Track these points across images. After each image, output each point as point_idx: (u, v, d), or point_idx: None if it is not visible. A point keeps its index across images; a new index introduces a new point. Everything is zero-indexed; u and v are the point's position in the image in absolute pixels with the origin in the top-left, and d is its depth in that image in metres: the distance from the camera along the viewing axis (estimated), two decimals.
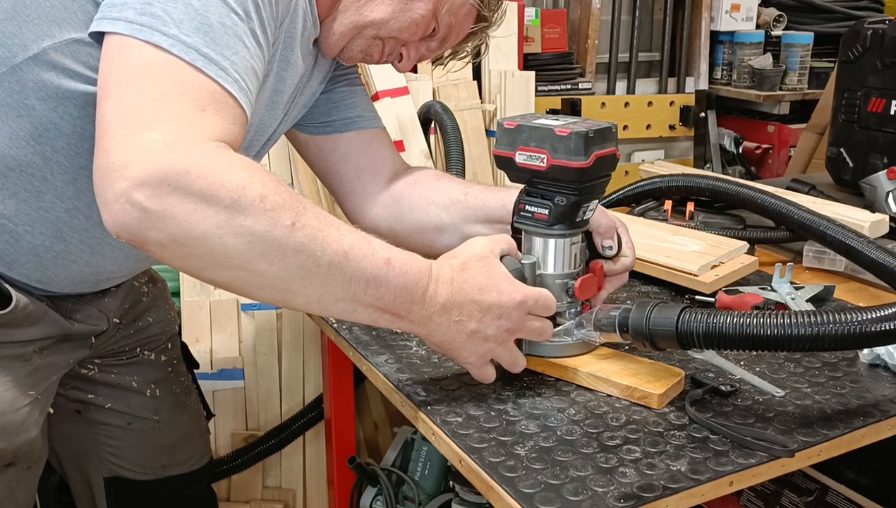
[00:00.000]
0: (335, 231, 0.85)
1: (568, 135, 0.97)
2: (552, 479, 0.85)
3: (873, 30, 1.90)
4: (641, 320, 0.97)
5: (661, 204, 1.68)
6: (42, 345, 1.11)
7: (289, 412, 2.12)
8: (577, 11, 2.99)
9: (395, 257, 0.89)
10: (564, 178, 1.00)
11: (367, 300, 0.88)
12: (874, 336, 0.90)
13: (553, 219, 1.03)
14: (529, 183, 1.04)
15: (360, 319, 0.91)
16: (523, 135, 1.01)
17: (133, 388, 1.34)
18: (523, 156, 1.01)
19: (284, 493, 2.16)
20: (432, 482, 1.89)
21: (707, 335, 0.93)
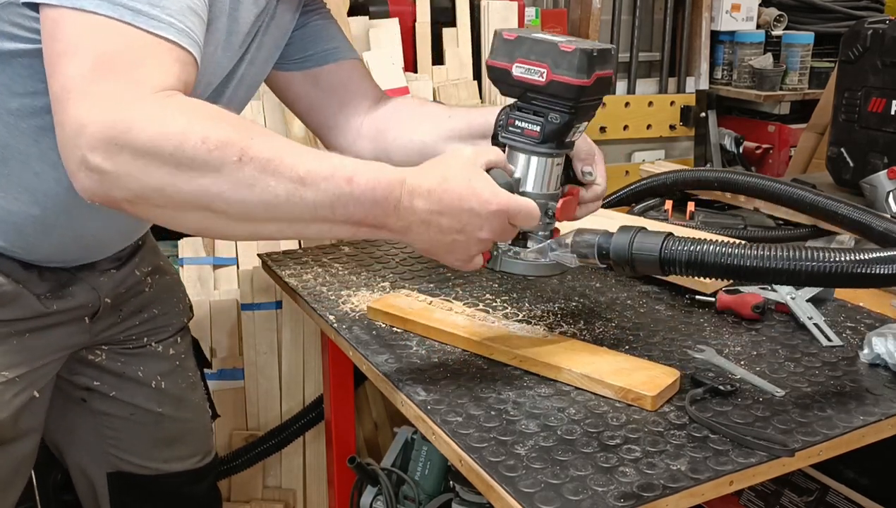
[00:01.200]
0: (289, 157, 0.85)
1: (573, 52, 0.94)
2: (552, 479, 0.85)
3: (873, 30, 1.90)
4: (624, 244, 0.97)
5: (662, 203, 1.68)
6: (22, 327, 1.12)
7: (289, 412, 2.12)
8: (577, 11, 2.99)
9: (360, 173, 0.88)
10: (563, 95, 0.97)
11: (338, 218, 0.88)
12: (848, 277, 0.93)
13: (543, 137, 1.00)
14: (523, 97, 1.00)
15: (340, 235, 0.92)
16: (524, 48, 0.98)
17: (139, 379, 1.34)
18: (521, 69, 0.98)
19: (284, 493, 2.16)
20: (432, 482, 1.88)
21: (689, 262, 0.95)
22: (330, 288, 1.40)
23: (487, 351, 1.13)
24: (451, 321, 1.20)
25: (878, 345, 1.11)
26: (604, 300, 1.34)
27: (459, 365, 1.12)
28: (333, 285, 1.41)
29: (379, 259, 1.54)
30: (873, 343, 1.11)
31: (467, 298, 1.35)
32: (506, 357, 1.11)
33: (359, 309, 1.30)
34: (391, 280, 1.43)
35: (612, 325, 1.25)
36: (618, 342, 1.18)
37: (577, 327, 1.23)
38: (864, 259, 0.92)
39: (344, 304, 1.32)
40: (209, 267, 2.12)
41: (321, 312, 1.30)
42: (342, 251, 1.59)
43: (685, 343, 1.18)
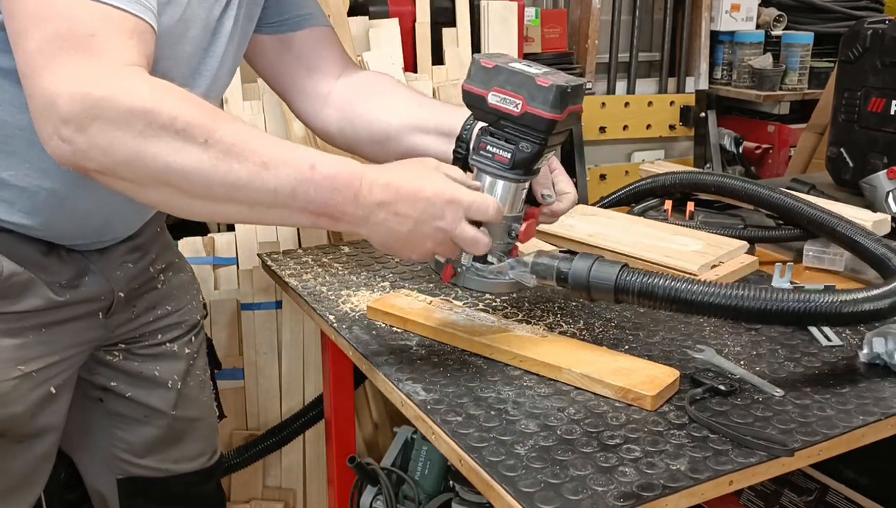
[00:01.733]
0: (253, 142, 0.88)
1: (549, 87, 0.97)
2: (552, 478, 0.85)
3: (873, 30, 1.90)
4: (583, 272, 1.03)
5: (662, 203, 1.68)
6: (37, 321, 1.12)
7: (289, 411, 2.12)
8: (577, 11, 2.99)
9: (322, 162, 0.91)
10: (536, 127, 1.00)
11: (297, 205, 0.90)
12: (789, 314, 0.99)
13: (513, 164, 1.03)
14: (496, 124, 1.03)
15: (298, 223, 0.95)
16: (500, 77, 1.00)
17: (155, 379, 1.34)
18: (497, 98, 1.00)
19: (284, 493, 2.16)
20: (432, 481, 1.89)
21: (641, 292, 1.01)
22: (330, 288, 1.40)
23: (487, 351, 1.13)
24: (451, 321, 1.20)
25: (877, 345, 1.11)
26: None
27: (459, 365, 1.12)
28: (333, 285, 1.41)
29: (379, 259, 1.54)
30: (873, 343, 1.11)
31: (467, 298, 1.35)
32: (506, 357, 1.11)
33: (359, 309, 1.30)
34: (391, 280, 1.43)
35: (612, 325, 1.25)
36: (618, 342, 1.18)
37: (577, 327, 1.23)
38: (802, 298, 0.99)
39: (344, 304, 1.32)
40: (209, 267, 2.12)
41: (321, 312, 1.30)
42: (342, 251, 1.59)
43: (685, 343, 1.18)
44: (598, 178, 2.99)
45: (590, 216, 1.60)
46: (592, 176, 2.94)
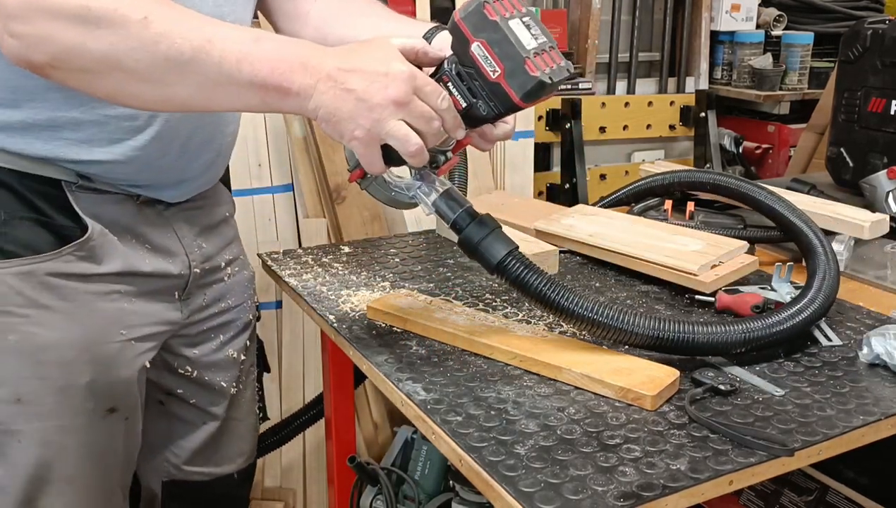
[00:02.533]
0: (195, 21, 0.90)
1: (532, 76, 0.93)
2: (552, 478, 0.85)
3: (873, 30, 1.90)
4: (473, 239, 1.05)
5: (662, 203, 1.68)
6: (127, 289, 1.14)
7: (288, 411, 2.12)
8: (577, 11, 2.99)
9: (267, 36, 0.92)
10: (499, 99, 0.96)
11: (243, 78, 0.89)
12: (640, 337, 1.06)
13: (464, 114, 0.98)
14: (466, 69, 0.97)
15: (248, 104, 0.92)
16: (494, 35, 0.94)
17: (221, 388, 1.35)
18: (480, 51, 0.95)
19: (284, 493, 2.16)
20: (432, 481, 1.89)
21: (514, 281, 1.05)
22: (330, 288, 1.40)
23: (487, 351, 1.13)
24: (451, 321, 1.20)
25: (877, 345, 1.11)
26: (603, 300, 1.34)
27: (459, 365, 1.12)
28: (333, 285, 1.41)
29: (379, 259, 1.54)
30: (873, 343, 1.11)
31: (467, 298, 1.35)
32: (506, 357, 1.12)
33: (359, 309, 1.30)
34: (391, 280, 1.43)
35: None
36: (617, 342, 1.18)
37: None
38: (656, 327, 1.06)
39: (344, 304, 1.32)
40: None
41: (321, 312, 1.30)
42: (342, 251, 1.59)
43: None
44: (598, 178, 2.99)
45: (590, 216, 1.60)
46: (592, 176, 2.94)
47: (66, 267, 1.08)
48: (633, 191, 1.75)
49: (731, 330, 1.09)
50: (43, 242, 1.07)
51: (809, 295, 1.18)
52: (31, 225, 1.07)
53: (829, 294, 1.20)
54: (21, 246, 1.06)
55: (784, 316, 1.13)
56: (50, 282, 1.07)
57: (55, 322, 1.08)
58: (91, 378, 1.11)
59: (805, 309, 1.15)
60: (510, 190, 2.41)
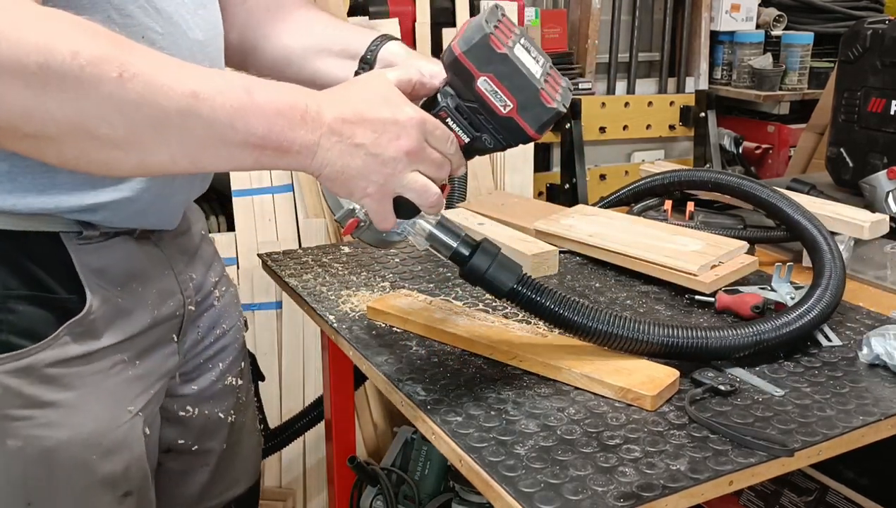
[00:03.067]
0: (176, 71, 0.75)
1: (549, 108, 0.88)
2: (552, 478, 0.85)
3: (873, 30, 1.90)
4: (479, 270, 1.00)
5: (662, 203, 1.68)
6: (128, 356, 1.01)
7: (288, 412, 2.12)
8: (577, 11, 2.99)
9: (256, 84, 0.79)
10: (511, 133, 0.90)
11: (237, 138, 0.77)
12: (656, 346, 1.06)
13: (466, 150, 0.92)
14: (468, 103, 0.90)
15: (240, 165, 0.80)
16: (503, 68, 0.87)
17: (219, 420, 1.22)
18: (487, 86, 0.87)
19: (285, 493, 2.16)
20: (432, 482, 1.89)
21: (525, 308, 1.04)
22: (330, 288, 1.40)
23: (487, 351, 1.13)
24: (451, 321, 1.20)
25: (877, 345, 1.11)
26: (603, 300, 1.34)
27: (459, 365, 1.12)
28: (333, 285, 1.41)
29: (379, 259, 1.54)
30: (873, 343, 1.11)
31: (467, 298, 1.35)
32: (506, 357, 1.11)
33: (359, 309, 1.30)
34: (391, 280, 1.43)
35: None
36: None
37: None
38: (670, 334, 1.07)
39: (344, 304, 1.32)
40: None
41: (321, 312, 1.30)
42: (342, 251, 1.59)
43: None
44: (598, 178, 2.99)
45: (590, 216, 1.60)
46: (592, 176, 2.95)
47: (67, 350, 0.93)
48: (633, 191, 1.75)
49: (742, 334, 1.09)
50: (41, 325, 0.91)
51: (817, 294, 1.18)
52: (28, 304, 0.90)
53: (836, 292, 1.20)
54: (17, 334, 0.89)
55: (793, 317, 1.13)
56: (51, 374, 0.92)
57: (62, 419, 0.93)
58: (107, 469, 0.98)
59: (813, 309, 1.15)
60: (510, 190, 2.41)
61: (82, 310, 0.93)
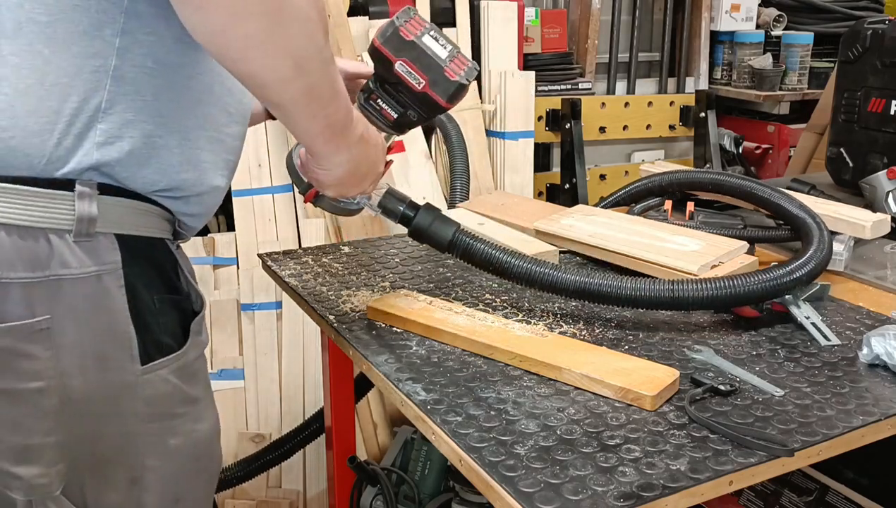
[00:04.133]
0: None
1: (453, 81, 1.06)
2: (552, 478, 0.85)
3: (873, 30, 1.90)
4: (422, 226, 1.21)
5: (662, 204, 1.68)
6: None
7: (288, 412, 2.12)
8: (577, 11, 2.99)
9: None
10: (428, 107, 1.09)
11: (329, 110, 0.91)
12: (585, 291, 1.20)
13: (395, 124, 1.12)
14: (392, 85, 1.09)
15: (309, 128, 0.93)
16: (413, 53, 1.06)
17: None
18: (403, 69, 1.06)
19: (285, 493, 2.16)
20: (432, 482, 1.89)
21: (463, 256, 1.23)
22: (330, 288, 1.40)
23: (487, 351, 1.13)
24: (451, 321, 1.20)
25: (877, 345, 1.11)
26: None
27: (459, 365, 1.12)
28: (333, 285, 1.41)
29: (379, 259, 1.54)
30: (872, 343, 1.11)
31: (467, 298, 1.35)
32: (506, 357, 1.12)
33: (359, 309, 1.30)
34: (391, 280, 1.43)
35: (611, 325, 1.25)
36: (617, 342, 1.19)
37: (577, 327, 1.23)
38: (589, 276, 1.21)
39: (344, 304, 1.32)
40: (209, 267, 2.13)
41: (321, 312, 1.30)
42: (342, 251, 1.59)
43: (684, 343, 1.19)
44: (598, 178, 2.99)
45: (590, 216, 1.60)
46: (592, 176, 2.94)
47: (198, 348, 0.99)
48: (633, 191, 1.75)
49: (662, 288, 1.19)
50: (178, 325, 0.96)
51: (801, 260, 1.26)
52: (172, 307, 0.95)
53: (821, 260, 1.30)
54: (170, 336, 0.94)
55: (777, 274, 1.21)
56: (194, 370, 0.98)
57: (203, 412, 1.00)
58: (219, 454, 1.06)
59: (799, 269, 1.24)
60: (510, 190, 2.41)
61: (201, 309, 1.00)
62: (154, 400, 0.93)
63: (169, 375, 0.94)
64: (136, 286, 0.89)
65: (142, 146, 0.88)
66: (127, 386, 0.90)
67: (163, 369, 0.93)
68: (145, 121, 0.88)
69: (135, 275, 0.89)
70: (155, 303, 0.92)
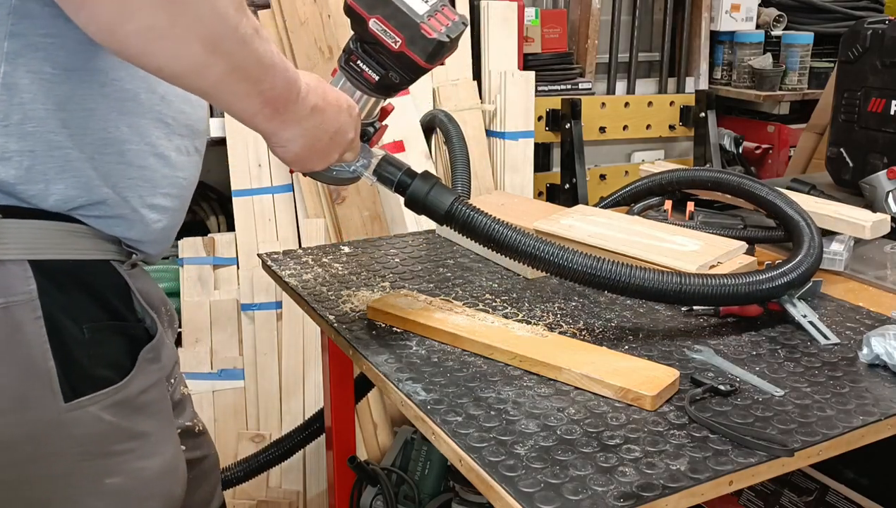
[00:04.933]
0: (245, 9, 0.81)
1: (430, 38, 0.99)
2: (552, 478, 0.85)
3: (873, 30, 1.90)
4: (419, 194, 1.11)
5: (661, 203, 1.68)
6: (167, 373, 1.01)
7: (288, 411, 2.12)
8: (577, 11, 2.99)
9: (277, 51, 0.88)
10: (407, 67, 1.02)
11: (262, 87, 0.84)
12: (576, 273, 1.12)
13: (377, 86, 1.05)
14: (371, 45, 1.03)
15: (244, 109, 0.86)
16: (387, 9, 0.99)
17: (186, 427, 1.18)
18: (378, 27, 0.99)
19: (285, 493, 2.16)
20: (432, 482, 1.89)
21: (463, 225, 1.11)
22: (330, 288, 1.40)
23: (487, 351, 1.13)
24: (451, 321, 1.20)
25: (877, 345, 1.11)
26: (603, 300, 1.34)
27: (459, 365, 1.12)
28: (333, 285, 1.41)
29: (379, 259, 1.54)
30: (872, 343, 1.11)
31: (467, 298, 1.35)
32: (506, 357, 1.12)
33: (359, 309, 1.30)
34: (391, 280, 1.43)
35: (611, 325, 1.25)
36: (618, 342, 1.18)
37: (577, 327, 1.24)
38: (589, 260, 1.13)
39: (344, 304, 1.32)
40: (209, 267, 2.13)
41: (321, 312, 1.30)
42: (342, 251, 1.59)
43: (685, 343, 1.19)
44: (598, 178, 2.99)
45: (589, 216, 1.60)
46: (592, 176, 2.95)
47: (147, 379, 0.92)
48: (633, 191, 1.75)
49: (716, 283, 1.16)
50: (123, 355, 0.90)
51: (791, 263, 1.26)
52: (111, 334, 0.89)
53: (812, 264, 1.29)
54: (109, 367, 0.88)
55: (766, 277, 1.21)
56: (140, 404, 0.91)
57: (154, 448, 0.94)
58: (178, 493, 1.00)
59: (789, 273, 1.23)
60: (510, 190, 2.41)
61: (154, 336, 0.93)
62: (85, 438, 0.86)
63: (101, 412, 0.86)
64: (58, 316, 0.83)
65: (47, 159, 0.81)
66: (52, 424, 0.84)
67: (93, 405, 0.86)
68: (51, 132, 0.81)
69: (57, 304, 0.83)
70: (84, 333, 0.85)
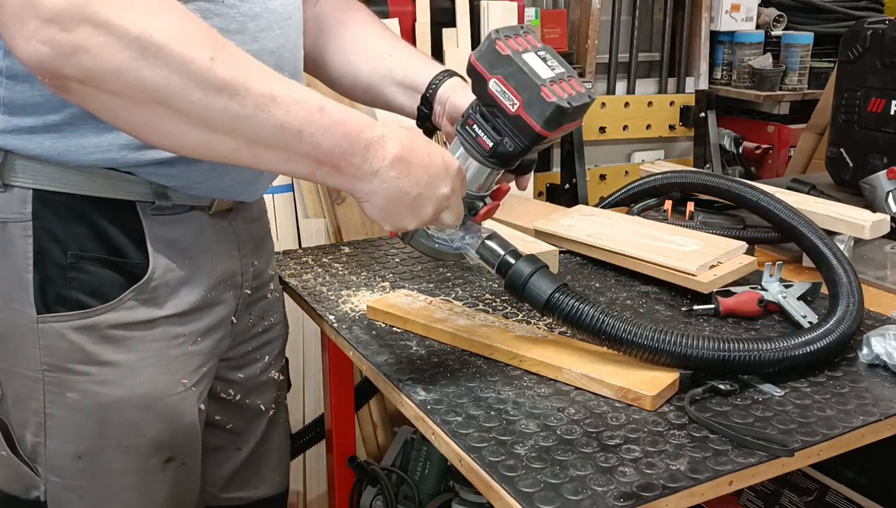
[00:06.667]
0: (260, 71, 0.81)
1: (549, 102, 0.94)
2: (552, 478, 0.85)
3: (873, 30, 1.90)
4: (520, 278, 1.03)
5: (661, 203, 1.69)
6: (190, 331, 1.06)
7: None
8: (577, 11, 2.99)
9: (330, 105, 0.84)
10: (523, 132, 0.97)
11: (301, 149, 0.83)
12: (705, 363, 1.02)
13: (492, 154, 1.00)
14: (489, 109, 0.99)
15: (295, 171, 0.86)
16: (508, 69, 0.95)
17: (260, 410, 1.28)
18: (497, 88, 0.96)
19: None
20: (432, 482, 1.89)
21: (566, 318, 1.02)
22: (330, 288, 1.40)
23: (487, 351, 1.13)
24: (451, 321, 1.20)
25: (877, 345, 1.11)
26: (603, 300, 1.34)
27: (459, 365, 1.12)
28: (333, 285, 1.41)
29: (379, 259, 1.54)
30: (872, 343, 1.11)
31: (467, 298, 1.35)
32: (506, 357, 1.12)
33: (359, 309, 1.30)
34: (391, 280, 1.43)
35: None
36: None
37: None
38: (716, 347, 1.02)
39: (344, 304, 1.32)
40: None
41: (321, 312, 1.30)
42: (342, 251, 1.59)
43: None
44: (597, 178, 2.99)
45: (589, 216, 1.60)
46: (592, 176, 2.95)
47: (130, 314, 0.99)
48: (633, 191, 1.75)
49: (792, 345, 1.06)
50: (111, 287, 0.98)
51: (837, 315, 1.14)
52: (101, 266, 0.97)
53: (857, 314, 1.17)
54: (87, 293, 0.96)
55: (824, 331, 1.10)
56: (113, 335, 0.98)
57: (119, 379, 1.00)
58: (154, 433, 1.04)
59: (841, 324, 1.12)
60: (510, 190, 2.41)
61: (144, 277, 0.99)
62: (50, 350, 0.97)
63: (66, 331, 0.96)
64: (46, 239, 0.95)
65: (73, 118, 0.92)
66: (27, 330, 0.97)
67: (59, 323, 0.96)
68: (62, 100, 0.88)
69: (48, 229, 0.95)
70: (67, 258, 0.96)
